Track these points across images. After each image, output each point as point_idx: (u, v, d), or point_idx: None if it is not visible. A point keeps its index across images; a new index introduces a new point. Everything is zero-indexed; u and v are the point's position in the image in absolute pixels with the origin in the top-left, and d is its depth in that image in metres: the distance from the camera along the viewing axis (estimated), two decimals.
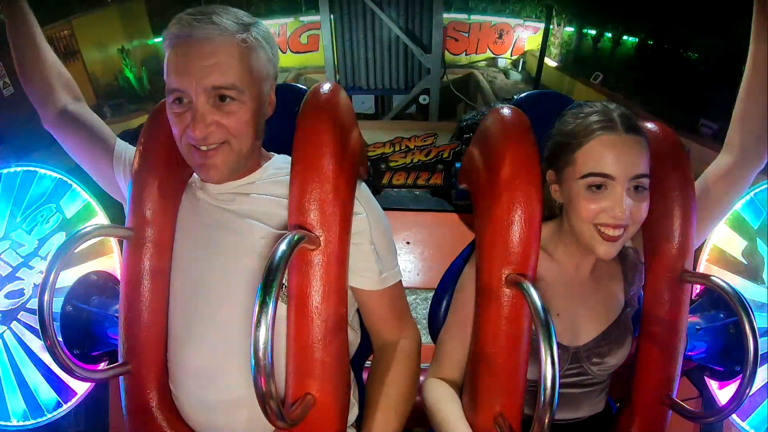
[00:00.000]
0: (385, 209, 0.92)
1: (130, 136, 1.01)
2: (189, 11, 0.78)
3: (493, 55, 6.92)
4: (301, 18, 6.59)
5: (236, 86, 0.77)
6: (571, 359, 0.88)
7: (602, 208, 0.78)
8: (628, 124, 0.79)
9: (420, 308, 2.55)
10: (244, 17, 0.81)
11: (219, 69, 0.76)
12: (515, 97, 1.81)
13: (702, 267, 1.14)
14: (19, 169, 1.21)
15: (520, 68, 6.68)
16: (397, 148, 1.83)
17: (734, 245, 1.14)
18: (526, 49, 6.79)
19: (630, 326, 0.91)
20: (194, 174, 0.92)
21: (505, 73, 6.60)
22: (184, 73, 0.75)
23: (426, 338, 1.06)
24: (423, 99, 5.06)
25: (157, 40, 5.73)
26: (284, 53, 6.65)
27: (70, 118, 0.95)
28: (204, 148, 0.79)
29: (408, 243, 1.58)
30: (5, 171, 1.21)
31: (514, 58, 6.88)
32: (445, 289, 1.07)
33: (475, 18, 6.76)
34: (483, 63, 6.88)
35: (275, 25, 6.54)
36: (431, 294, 1.11)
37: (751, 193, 1.12)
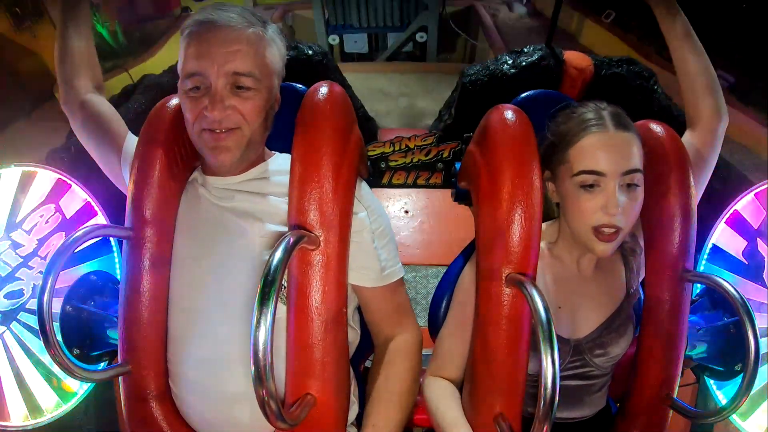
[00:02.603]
0: (384, 187, 0.91)
1: (116, 102, 1.02)
2: (212, 5, 0.82)
3: None
4: None
5: (254, 74, 0.80)
6: (573, 352, 0.88)
7: (596, 206, 0.79)
8: (617, 121, 0.80)
9: (420, 287, 2.48)
10: (260, 15, 0.85)
11: (240, 56, 0.79)
12: (525, 50, 1.74)
13: (702, 267, 1.14)
14: (19, 168, 1.20)
15: (524, 1, 6.29)
16: (397, 148, 1.83)
17: (734, 245, 1.14)
18: None
19: (632, 315, 0.92)
20: (195, 172, 0.92)
21: (509, 5, 5.98)
22: (206, 57, 0.78)
23: (425, 322, 1.04)
24: (420, 37, 4.68)
25: None
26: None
27: (87, 106, 0.97)
28: (218, 130, 0.80)
29: (407, 212, 1.56)
30: (5, 171, 1.20)
31: None
32: (445, 288, 1.07)
33: None
34: None
35: None
36: (432, 271, 1.10)
37: (751, 193, 1.12)
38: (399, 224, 1.52)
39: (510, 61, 1.71)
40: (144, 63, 3.38)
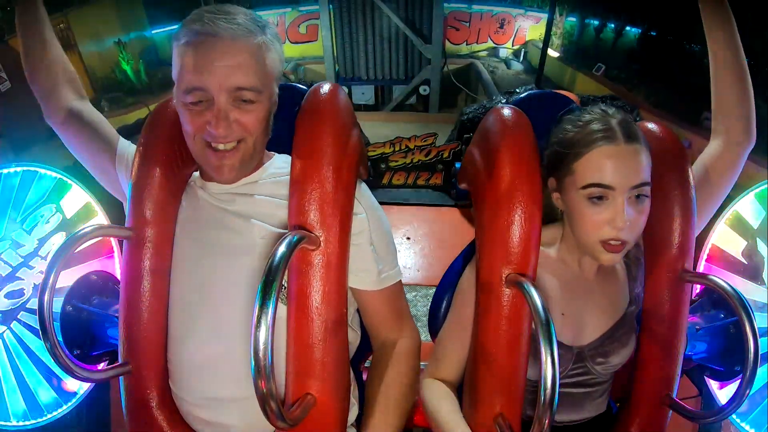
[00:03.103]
0: (384, 204, 0.92)
1: (127, 132, 1.00)
2: (209, 9, 0.78)
3: (495, 45, 6.82)
4: (300, 8, 6.46)
5: (256, 87, 0.79)
6: (575, 359, 0.88)
7: (604, 219, 0.77)
8: (627, 131, 0.78)
9: (420, 305, 2.54)
10: (258, 18, 0.83)
11: (242, 70, 0.77)
12: (518, 90, 1.84)
13: (702, 267, 1.14)
14: (19, 169, 1.20)
15: (521, 58, 6.57)
16: (397, 148, 1.83)
17: (734, 245, 1.14)
18: (527, 39, 6.70)
19: (634, 325, 0.91)
20: (194, 174, 0.92)
21: (507, 63, 6.49)
22: (208, 72, 0.75)
23: (426, 336, 1.06)
24: (423, 90, 5.03)
25: (155, 32, 5.66)
26: (283, 43, 6.52)
27: (73, 115, 0.94)
28: (221, 147, 0.80)
29: (408, 239, 1.58)
30: (5, 171, 1.20)
31: (515, 48, 6.78)
32: (445, 289, 1.07)
33: (477, 7, 6.64)
34: (484, 53, 6.79)
35: (274, 15, 6.44)
36: (431, 291, 1.10)
37: (751, 193, 1.12)
38: (401, 249, 1.54)
39: (503, 100, 1.85)
40: (164, 102, 3.43)
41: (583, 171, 0.78)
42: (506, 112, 0.84)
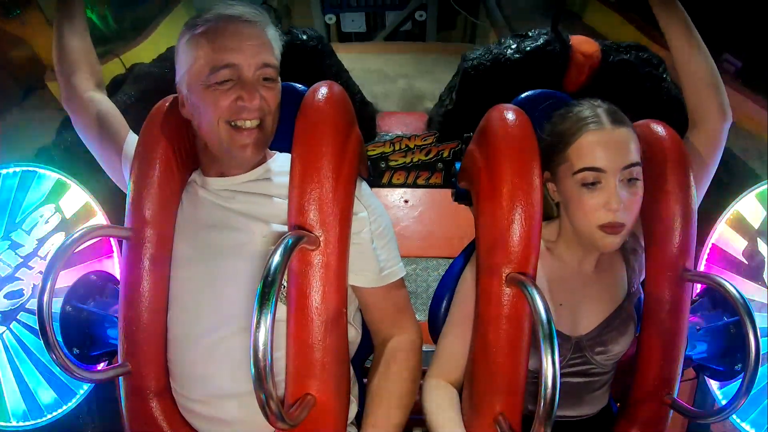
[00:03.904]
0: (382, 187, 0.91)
1: (106, 94, 1.02)
2: (219, 5, 0.84)
3: None
4: None
5: (276, 66, 0.85)
6: (574, 348, 0.88)
7: (599, 203, 0.79)
8: (613, 117, 0.81)
9: (420, 280, 2.44)
10: (264, 13, 0.88)
11: (266, 48, 0.84)
12: (530, 33, 1.67)
13: (703, 267, 1.14)
14: (18, 169, 1.20)
15: None
16: (397, 148, 1.83)
17: (735, 245, 1.14)
18: None
19: (633, 313, 0.92)
20: (194, 173, 0.92)
21: None
22: (238, 50, 0.80)
23: (425, 316, 1.03)
24: (419, 15, 4.57)
25: None
26: None
27: (87, 104, 0.98)
28: (248, 123, 0.83)
29: (406, 201, 1.54)
30: (4, 171, 1.20)
31: None
32: (445, 288, 1.06)
33: None
34: None
35: None
36: (432, 263, 1.09)
37: (752, 193, 1.12)
38: (399, 214, 1.49)
39: (514, 46, 1.61)
40: (136, 48, 3.27)
41: (574, 157, 0.81)
42: (507, 112, 0.84)
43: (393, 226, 0.95)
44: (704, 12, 0.91)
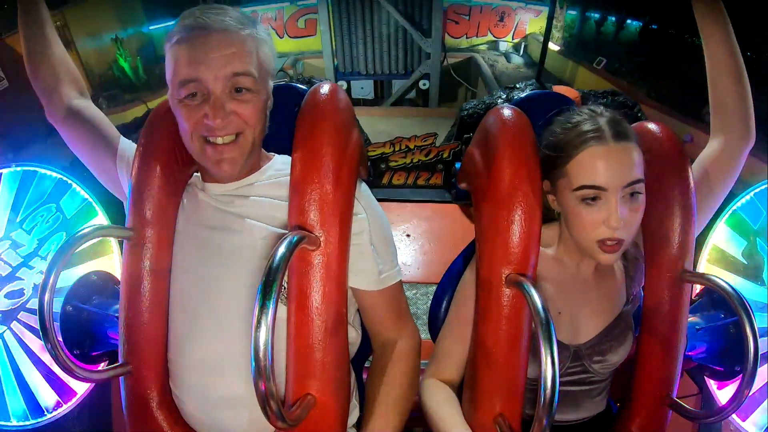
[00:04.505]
0: (384, 201, 0.91)
1: (125, 131, 1.01)
2: (199, 7, 0.79)
3: (495, 39, 6.72)
4: (298, 2, 6.41)
5: (251, 73, 0.79)
6: (573, 357, 0.88)
7: (598, 219, 0.78)
8: (616, 130, 0.78)
9: (420, 303, 2.52)
10: (248, 15, 0.84)
11: (238, 58, 0.77)
12: (518, 86, 1.86)
13: (702, 267, 1.14)
14: (19, 169, 1.21)
15: (521, 52, 6.46)
16: (397, 148, 1.83)
17: (734, 245, 1.14)
18: (527, 33, 6.60)
19: (631, 323, 0.92)
20: (194, 175, 0.92)
21: (507, 56, 6.36)
22: (202, 62, 0.76)
23: (425, 335, 1.06)
24: (423, 84, 4.99)
25: (152, 27, 5.60)
26: (281, 38, 6.48)
27: (74, 114, 0.95)
28: (219, 140, 0.79)
29: (408, 236, 1.57)
30: (5, 171, 1.21)
31: (515, 41, 6.68)
32: (445, 288, 1.07)
33: (476, 0, 6.54)
34: (484, 46, 6.69)
35: (272, 10, 6.39)
36: (431, 288, 1.11)
37: (751, 193, 1.13)
38: (400, 246, 1.54)
39: (503, 96, 1.88)
40: (162, 97, 3.39)
41: (575, 173, 0.79)
42: (506, 112, 0.84)
43: (392, 238, 0.94)
44: (687, 66, 0.91)
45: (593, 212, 0.78)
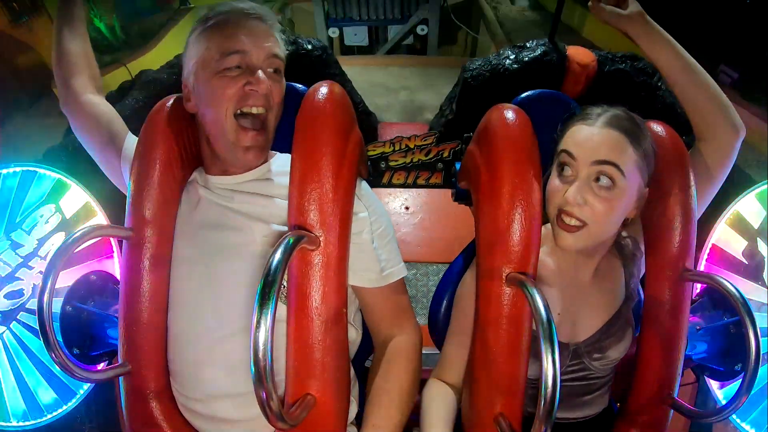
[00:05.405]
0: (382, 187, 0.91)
1: (113, 99, 1.02)
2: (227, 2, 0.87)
3: None
4: None
5: (283, 60, 0.88)
6: (572, 356, 0.88)
7: (561, 188, 0.80)
8: (608, 120, 0.79)
9: (420, 284, 2.46)
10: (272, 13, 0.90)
11: (275, 42, 0.86)
12: (528, 44, 1.71)
13: (703, 267, 1.14)
14: (18, 169, 1.20)
15: None
16: (396, 148, 1.83)
17: (735, 245, 1.14)
18: None
19: (631, 319, 0.91)
20: (194, 172, 0.92)
21: None
22: (249, 36, 0.83)
23: (423, 320, 1.04)
24: (421, 29, 4.62)
25: None
26: None
27: (86, 105, 0.98)
28: (255, 110, 0.84)
29: (407, 208, 1.55)
30: (4, 171, 1.20)
31: None
32: (445, 288, 1.07)
33: None
34: None
35: None
36: (432, 268, 1.09)
37: (751, 193, 1.12)
38: (399, 221, 1.50)
39: (512, 56, 1.66)
40: (142, 57, 3.33)
41: (560, 144, 0.83)
42: (507, 111, 0.84)
43: (394, 235, 0.94)
44: (700, 23, 0.88)
45: (559, 180, 0.81)
